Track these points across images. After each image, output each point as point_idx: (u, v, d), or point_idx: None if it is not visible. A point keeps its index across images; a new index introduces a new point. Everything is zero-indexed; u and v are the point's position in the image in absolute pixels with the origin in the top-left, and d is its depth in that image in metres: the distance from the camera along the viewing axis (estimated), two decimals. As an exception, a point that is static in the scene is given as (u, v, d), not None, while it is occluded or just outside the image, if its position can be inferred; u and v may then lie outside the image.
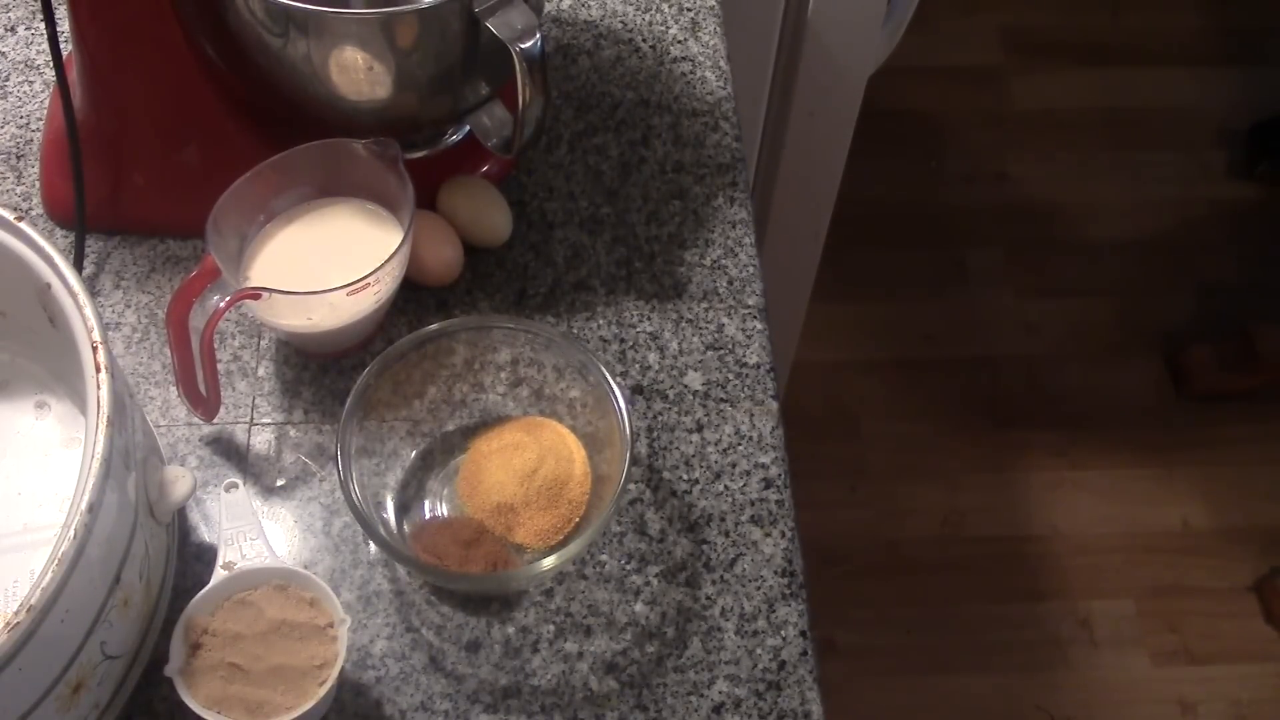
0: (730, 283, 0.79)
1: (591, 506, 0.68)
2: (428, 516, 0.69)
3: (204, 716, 0.58)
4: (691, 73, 0.88)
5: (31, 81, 0.85)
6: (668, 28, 0.90)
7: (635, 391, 0.74)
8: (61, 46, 0.73)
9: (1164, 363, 1.86)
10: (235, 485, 0.65)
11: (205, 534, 0.68)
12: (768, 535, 0.70)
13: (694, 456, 0.72)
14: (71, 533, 0.50)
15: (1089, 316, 1.91)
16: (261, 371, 0.74)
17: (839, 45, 1.17)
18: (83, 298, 0.57)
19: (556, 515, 0.68)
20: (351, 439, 0.65)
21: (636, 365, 0.75)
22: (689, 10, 0.91)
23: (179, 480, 0.61)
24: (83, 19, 0.71)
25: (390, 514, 0.68)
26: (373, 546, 0.68)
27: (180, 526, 0.68)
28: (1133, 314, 1.91)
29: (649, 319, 0.77)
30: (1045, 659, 1.63)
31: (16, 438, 0.68)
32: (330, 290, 0.66)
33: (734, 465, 0.72)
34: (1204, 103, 2.14)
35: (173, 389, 0.72)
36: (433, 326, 0.68)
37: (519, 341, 0.69)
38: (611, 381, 0.66)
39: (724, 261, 0.80)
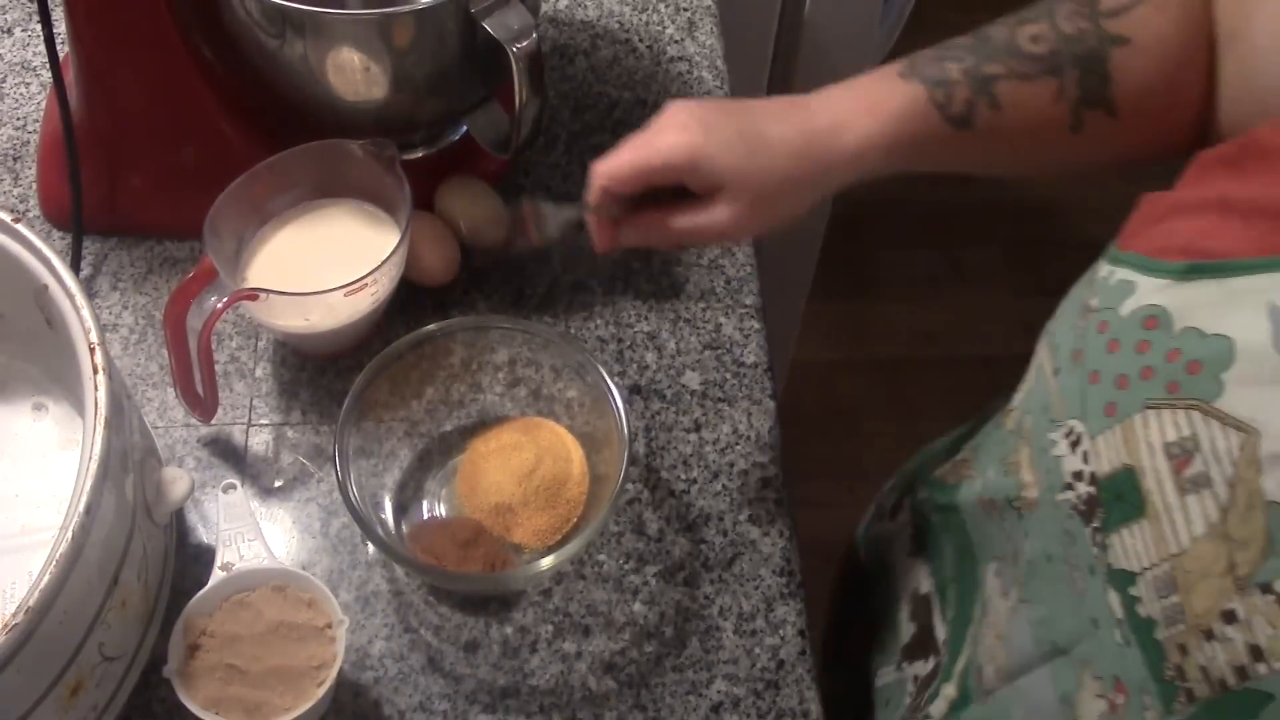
0: (728, 282, 0.79)
1: (589, 506, 0.68)
2: (426, 517, 0.69)
3: (202, 717, 0.58)
4: (688, 72, 0.88)
5: (28, 83, 0.85)
6: (664, 27, 0.90)
7: (633, 391, 0.74)
8: (58, 48, 0.73)
9: (1162, 361, 1.86)
10: (233, 486, 0.65)
11: (203, 535, 0.68)
12: (766, 534, 0.70)
13: (692, 456, 0.72)
14: (69, 534, 0.50)
15: (1087, 315, 1.91)
16: (259, 372, 0.74)
17: (836, 45, 1.17)
18: (80, 299, 0.57)
19: (554, 515, 0.68)
20: (349, 440, 0.65)
21: (634, 365, 0.75)
22: (685, 10, 0.91)
23: (177, 481, 0.61)
24: (79, 21, 0.71)
25: (388, 514, 0.68)
26: (371, 547, 0.68)
27: (178, 528, 0.68)
28: (1130, 312, 1.91)
29: (646, 319, 0.77)
30: (1044, 658, 1.63)
31: (14, 440, 0.68)
32: (327, 291, 0.66)
33: (732, 465, 0.72)
34: (1201, 101, 2.14)
35: (170, 390, 0.72)
36: (430, 327, 0.68)
37: (516, 342, 0.69)
38: (609, 381, 0.66)
39: (721, 261, 0.80)
